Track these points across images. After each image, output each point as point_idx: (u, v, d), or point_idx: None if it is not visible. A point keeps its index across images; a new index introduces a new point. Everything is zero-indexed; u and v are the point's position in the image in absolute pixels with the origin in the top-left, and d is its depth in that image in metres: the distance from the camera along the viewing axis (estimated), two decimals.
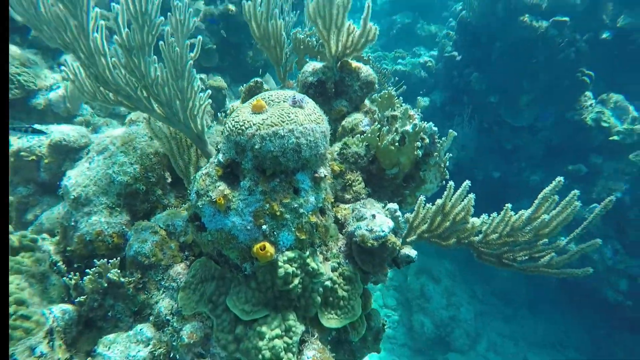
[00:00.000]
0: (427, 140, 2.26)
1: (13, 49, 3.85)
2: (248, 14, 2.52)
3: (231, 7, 5.05)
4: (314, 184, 1.66)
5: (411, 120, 2.13)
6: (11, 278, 1.73)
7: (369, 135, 2.09)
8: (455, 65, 8.28)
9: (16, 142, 3.31)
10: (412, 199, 2.42)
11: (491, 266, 2.07)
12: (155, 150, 2.20)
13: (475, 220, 1.96)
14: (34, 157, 3.27)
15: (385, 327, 2.30)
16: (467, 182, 1.85)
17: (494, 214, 1.94)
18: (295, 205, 1.57)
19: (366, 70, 2.48)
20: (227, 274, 1.66)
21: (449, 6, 11.15)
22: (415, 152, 2.17)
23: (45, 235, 2.42)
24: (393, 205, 1.97)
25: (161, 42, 1.68)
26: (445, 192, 1.92)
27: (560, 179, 1.76)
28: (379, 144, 2.10)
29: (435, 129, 2.30)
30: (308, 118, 1.58)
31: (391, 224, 1.77)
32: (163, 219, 2.04)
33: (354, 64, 2.49)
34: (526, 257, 1.97)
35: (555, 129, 6.96)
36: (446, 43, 8.86)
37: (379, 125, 2.11)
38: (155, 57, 1.71)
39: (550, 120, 6.86)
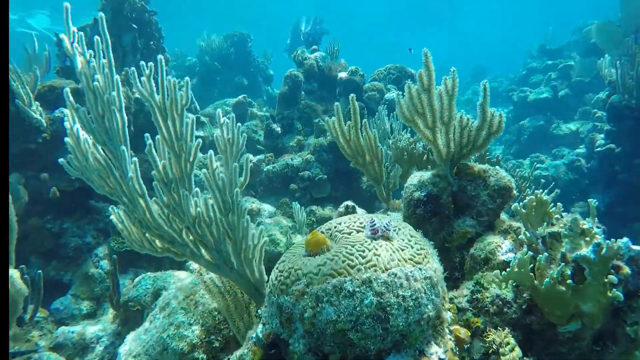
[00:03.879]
0: (625, 270, 1.33)
1: None
2: (334, 130, 2.16)
3: None
4: None
5: (588, 239, 1.27)
6: None
7: (516, 270, 1.28)
8: (616, 158, 6.72)
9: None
10: None
11: None
12: None
13: None
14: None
15: None
16: None
17: None
18: None
19: (496, 173, 1.76)
20: None
21: (587, 100, 9.85)
22: (610, 294, 1.25)
23: None
24: None
25: (204, 170, 1.33)
26: None
27: None
28: (537, 283, 1.26)
29: (637, 248, 1.36)
30: (398, 256, 0.92)
31: None
32: None
33: (477, 166, 1.81)
34: None
35: None
36: (595, 136, 7.45)
37: (530, 253, 1.30)
38: (197, 189, 1.35)
39: None
